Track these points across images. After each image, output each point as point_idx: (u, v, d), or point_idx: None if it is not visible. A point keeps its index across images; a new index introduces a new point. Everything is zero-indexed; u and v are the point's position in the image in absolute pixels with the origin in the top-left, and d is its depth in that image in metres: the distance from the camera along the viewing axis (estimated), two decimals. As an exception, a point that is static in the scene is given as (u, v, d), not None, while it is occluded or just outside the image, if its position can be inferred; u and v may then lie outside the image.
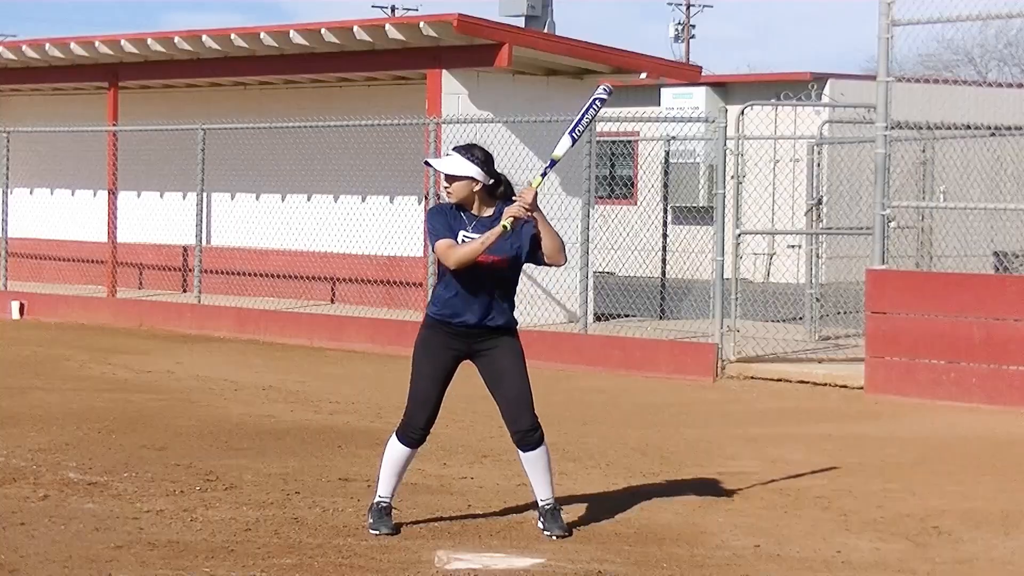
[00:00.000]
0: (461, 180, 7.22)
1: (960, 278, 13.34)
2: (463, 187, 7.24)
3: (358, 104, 19.07)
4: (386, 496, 7.45)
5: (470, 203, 7.27)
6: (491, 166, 7.28)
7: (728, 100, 25.24)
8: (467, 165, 7.21)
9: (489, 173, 7.25)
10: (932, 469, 9.65)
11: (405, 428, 7.40)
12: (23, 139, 21.90)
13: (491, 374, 7.35)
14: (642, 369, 14.49)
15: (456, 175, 7.23)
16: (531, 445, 7.34)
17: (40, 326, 18.74)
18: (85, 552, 6.91)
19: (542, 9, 21.06)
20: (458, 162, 7.23)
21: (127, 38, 19.46)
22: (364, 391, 13.04)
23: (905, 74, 17.21)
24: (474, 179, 7.22)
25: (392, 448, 7.44)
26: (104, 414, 11.23)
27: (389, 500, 7.46)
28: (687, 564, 6.94)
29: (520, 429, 7.32)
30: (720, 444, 10.46)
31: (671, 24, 59.21)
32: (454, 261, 7.15)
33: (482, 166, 7.23)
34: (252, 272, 19.78)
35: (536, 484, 7.42)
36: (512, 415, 7.33)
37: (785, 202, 22.89)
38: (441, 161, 7.35)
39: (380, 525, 7.39)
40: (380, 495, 7.45)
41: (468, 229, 7.23)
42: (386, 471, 7.46)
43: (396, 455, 7.44)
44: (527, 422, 7.31)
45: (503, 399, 7.35)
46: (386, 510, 7.44)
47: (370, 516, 7.47)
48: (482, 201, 7.27)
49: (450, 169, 7.25)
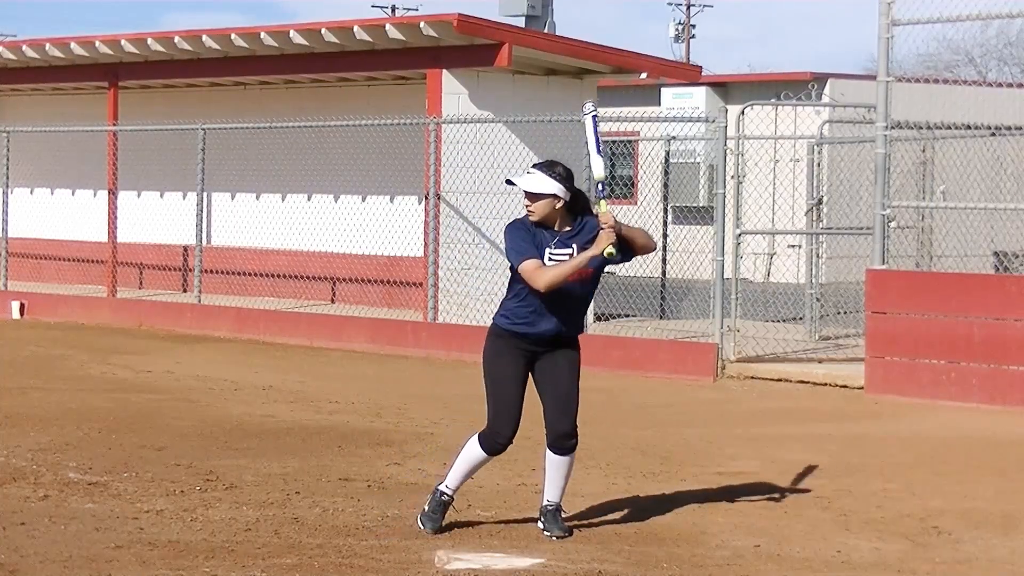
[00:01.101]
0: (544, 198, 7.14)
1: (960, 278, 13.34)
2: (546, 205, 7.15)
3: (358, 104, 19.06)
4: (451, 488, 7.42)
5: (552, 220, 7.19)
6: (572, 182, 7.22)
7: (728, 100, 25.25)
8: (550, 183, 7.14)
9: (570, 189, 7.20)
10: (932, 469, 9.65)
11: (491, 437, 7.31)
12: (23, 139, 21.90)
13: (545, 374, 7.30)
14: (642, 369, 14.49)
15: (540, 193, 7.14)
16: (564, 450, 7.33)
17: (40, 326, 18.74)
18: (85, 552, 6.91)
19: (542, 9, 21.05)
20: (541, 180, 7.15)
21: (127, 38, 19.46)
22: (364, 391, 13.03)
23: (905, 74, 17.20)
24: (557, 196, 7.15)
25: (472, 449, 7.39)
26: (104, 414, 11.23)
27: (452, 494, 7.44)
28: (687, 564, 6.94)
29: (560, 432, 7.29)
30: (720, 444, 10.46)
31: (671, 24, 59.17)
32: (544, 284, 7.06)
33: (564, 183, 7.16)
34: (252, 272, 19.78)
35: (550, 485, 7.41)
36: (555, 416, 7.30)
37: (785, 202, 22.88)
38: (524, 179, 7.21)
39: (428, 521, 7.38)
40: (448, 485, 7.42)
41: (552, 246, 7.17)
42: (460, 468, 7.43)
43: (474, 457, 7.39)
44: (567, 426, 7.29)
45: (550, 399, 7.31)
46: (446, 505, 7.43)
47: (427, 504, 7.44)
48: (563, 218, 7.21)
49: (534, 187, 7.15)
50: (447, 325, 16.56)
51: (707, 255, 16.05)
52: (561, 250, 7.15)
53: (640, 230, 7.32)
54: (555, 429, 7.30)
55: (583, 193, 7.30)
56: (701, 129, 20.20)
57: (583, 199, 7.29)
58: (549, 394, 7.31)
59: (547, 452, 7.38)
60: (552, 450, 7.34)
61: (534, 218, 7.19)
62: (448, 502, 7.47)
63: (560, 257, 7.14)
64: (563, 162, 7.34)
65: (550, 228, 7.21)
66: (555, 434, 7.30)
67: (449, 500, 7.46)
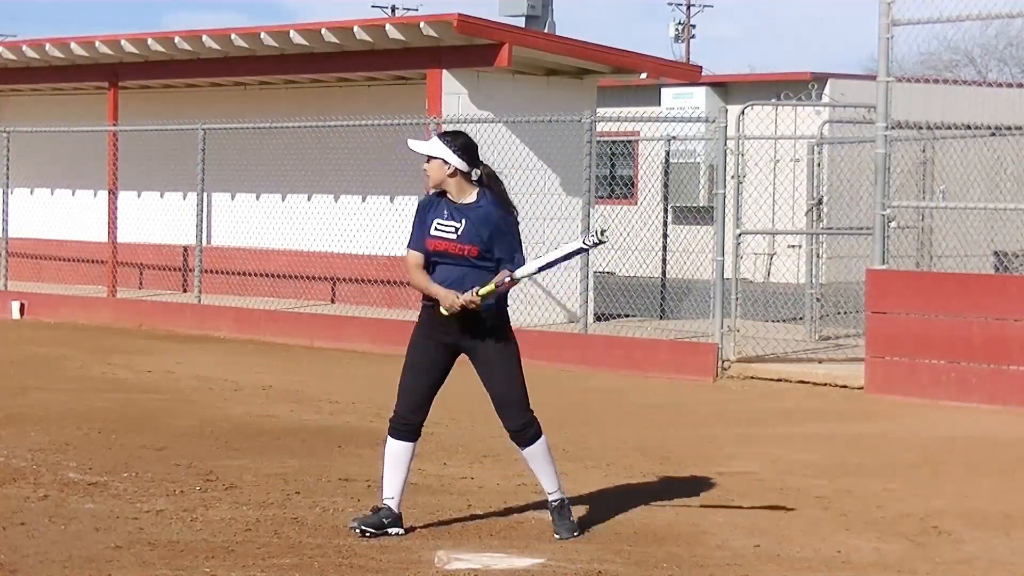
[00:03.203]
0: (433, 160, 7.32)
1: (960, 278, 13.34)
2: (436, 168, 7.32)
3: (358, 104, 19.07)
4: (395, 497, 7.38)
5: (446, 187, 7.33)
6: (470, 154, 7.31)
7: (728, 100, 25.25)
8: (441, 147, 7.31)
9: (467, 161, 7.28)
10: (932, 469, 9.65)
11: (394, 420, 7.42)
12: (23, 139, 21.90)
13: (481, 372, 7.39)
14: (642, 369, 14.49)
15: (429, 155, 7.33)
16: (525, 442, 7.37)
17: (40, 326, 18.74)
18: (85, 552, 6.91)
19: (542, 9, 21.06)
20: (434, 144, 7.37)
21: (127, 38, 19.46)
22: (364, 391, 13.03)
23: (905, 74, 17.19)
24: (445, 161, 7.28)
25: (389, 445, 7.45)
26: (104, 414, 11.23)
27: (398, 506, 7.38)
28: (687, 564, 6.94)
29: (510, 428, 7.37)
30: (720, 444, 10.46)
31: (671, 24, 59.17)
32: (410, 282, 7.46)
33: (457, 151, 7.28)
34: (252, 272, 19.79)
35: (539, 478, 7.45)
36: (501, 414, 7.38)
37: (785, 202, 22.88)
38: (420, 142, 7.48)
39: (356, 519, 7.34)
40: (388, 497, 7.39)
41: (444, 217, 7.29)
42: (388, 471, 7.44)
43: (394, 451, 7.42)
44: (516, 421, 7.33)
45: (492, 398, 7.39)
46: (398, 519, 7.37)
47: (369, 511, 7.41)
48: (460, 188, 7.31)
49: (422, 149, 7.39)
50: (447, 325, 16.52)
51: (707, 255, 16.05)
52: (448, 222, 7.27)
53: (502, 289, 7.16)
54: (506, 426, 7.39)
55: (487, 168, 7.34)
56: (701, 129, 20.21)
57: (488, 175, 7.33)
58: (491, 394, 7.39)
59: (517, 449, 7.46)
60: (517, 444, 7.42)
61: (429, 183, 7.39)
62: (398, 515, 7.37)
63: (445, 229, 7.26)
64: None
65: (446, 196, 7.34)
66: (509, 431, 7.40)
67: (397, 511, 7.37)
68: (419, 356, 7.40)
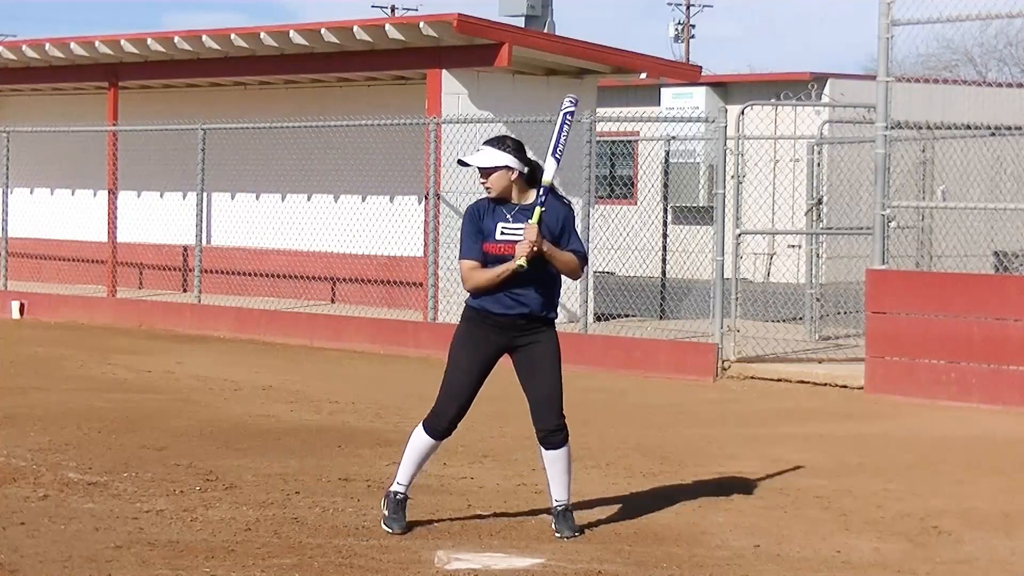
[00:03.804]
0: (497, 171, 7.19)
1: (960, 278, 13.33)
2: (500, 178, 7.20)
3: (358, 104, 19.07)
4: (403, 484, 7.42)
5: (509, 193, 7.23)
6: (524, 153, 7.24)
7: (728, 100, 25.23)
8: (500, 155, 7.19)
9: (524, 161, 7.22)
10: (932, 469, 9.65)
11: (432, 418, 7.36)
12: (23, 139, 21.90)
13: (525, 369, 7.33)
14: (642, 369, 14.49)
15: (491, 167, 7.19)
16: (554, 445, 7.33)
17: (40, 326, 18.74)
18: (85, 552, 6.91)
19: (542, 9, 21.07)
20: (491, 154, 7.21)
21: (127, 38, 19.46)
22: (364, 391, 13.03)
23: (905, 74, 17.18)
24: (510, 167, 7.18)
25: (418, 436, 7.41)
26: (104, 414, 11.22)
27: (405, 490, 7.44)
28: (687, 564, 6.94)
29: (545, 428, 7.31)
30: (720, 444, 10.46)
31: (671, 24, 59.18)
32: (470, 287, 7.20)
33: (515, 154, 7.19)
34: (252, 272, 19.79)
35: (553, 483, 7.41)
36: (539, 412, 7.32)
37: (785, 202, 22.89)
38: (474, 156, 7.29)
39: (393, 523, 7.38)
40: (398, 482, 7.43)
41: (509, 220, 7.19)
42: (409, 459, 7.43)
43: (421, 444, 7.41)
44: (553, 422, 7.30)
45: (533, 395, 7.33)
46: (402, 503, 7.43)
47: (385, 507, 7.45)
48: (521, 189, 7.24)
49: (483, 162, 7.21)
50: (447, 325, 16.50)
51: (707, 255, 16.06)
52: (517, 224, 7.18)
53: (567, 257, 7.23)
54: (541, 425, 7.33)
55: (540, 164, 7.28)
56: (701, 129, 20.21)
57: (541, 171, 7.28)
58: (531, 390, 7.33)
59: (541, 449, 7.40)
60: (544, 446, 7.37)
61: (492, 194, 7.24)
62: (404, 499, 7.44)
63: (514, 232, 7.16)
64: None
65: (508, 202, 7.24)
66: (542, 430, 7.33)
67: (404, 496, 7.44)
68: (468, 360, 7.30)
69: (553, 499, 7.42)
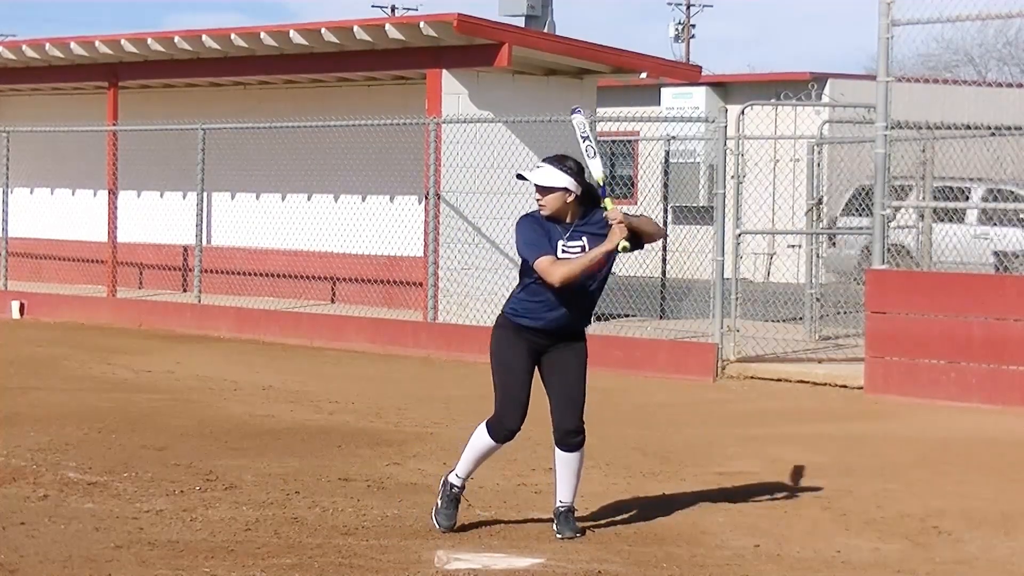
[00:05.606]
0: (555, 192, 7.16)
1: (960, 278, 13.34)
2: (557, 199, 7.16)
3: (358, 104, 19.07)
4: (461, 477, 7.43)
5: (563, 214, 7.20)
6: (582, 175, 7.22)
7: (728, 100, 25.25)
8: (561, 176, 7.15)
9: (581, 183, 7.20)
10: (932, 469, 9.65)
11: (498, 427, 7.32)
12: (23, 139, 21.90)
13: (552, 370, 7.32)
14: (642, 369, 14.49)
15: (551, 187, 7.16)
16: (571, 447, 7.33)
17: (40, 326, 18.74)
18: (85, 552, 6.91)
19: (542, 9, 21.05)
20: (552, 173, 7.16)
21: (127, 38, 19.46)
22: (364, 391, 13.03)
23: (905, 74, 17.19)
24: (568, 190, 7.16)
25: (480, 437, 7.39)
26: (104, 414, 11.22)
27: (462, 483, 7.44)
28: (687, 564, 6.94)
29: (565, 428, 7.30)
30: (720, 444, 10.46)
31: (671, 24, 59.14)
32: (559, 278, 7.09)
33: (575, 176, 7.17)
34: (252, 272, 19.79)
35: (560, 485, 7.40)
36: (561, 413, 7.31)
37: (785, 202, 22.87)
38: (535, 173, 7.22)
39: (443, 518, 7.39)
40: (457, 474, 7.43)
41: (564, 239, 7.18)
42: (469, 456, 7.43)
43: (483, 445, 7.39)
44: (573, 423, 7.30)
45: (556, 395, 7.32)
46: (457, 498, 7.44)
47: (440, 497, 7.45)
48: (574, 212, 7.22)
49: (545, 181, 7.16)
50: (447, 325, 16.56)
51: (707, 255, 16.05)
52: (574, 242, 7.17)
53: (647, 219, 7.33)
54: (561, 426, 7.31)
55: (592, 186, 7.28)
56: (701, 129, 20.20)
57: (594, 192, 7.28)
58: (556, 390, 7.31)
59: (555, 450, 7.39)
60: (560, 447, 7.35)
61: (545, 212, 7.20)
62: (459, 494, 7.46)
63: (572, 250, 7.16)
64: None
65: (562, 221, 7.22)
66: (562, 431, 7.31)
67: (460, 491, 7.46)
68: (516, 359, 7.28)
69: (558, 499, 7.42)
